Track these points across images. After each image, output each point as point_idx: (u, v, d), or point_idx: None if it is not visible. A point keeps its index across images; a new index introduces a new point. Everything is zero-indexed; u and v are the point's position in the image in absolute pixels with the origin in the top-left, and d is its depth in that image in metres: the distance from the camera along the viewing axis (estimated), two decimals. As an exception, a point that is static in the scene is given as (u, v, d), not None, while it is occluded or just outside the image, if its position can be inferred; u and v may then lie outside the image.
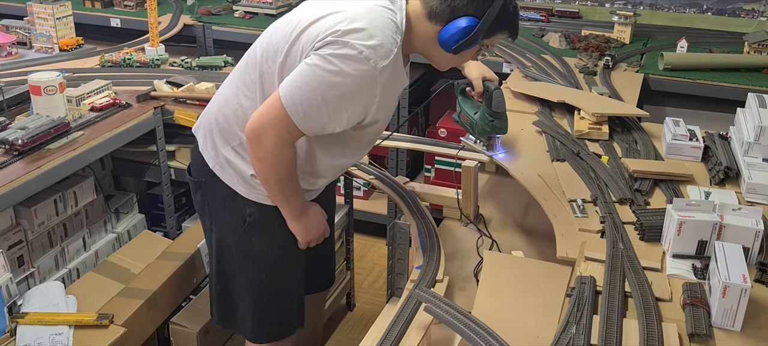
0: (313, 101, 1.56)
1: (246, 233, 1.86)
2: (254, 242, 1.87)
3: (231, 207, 1.85)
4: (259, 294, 1.96)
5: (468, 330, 1.44)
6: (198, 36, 3.89)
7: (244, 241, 1.87)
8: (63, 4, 3.53)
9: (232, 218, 1.86)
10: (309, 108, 1.57)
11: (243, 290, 1.96)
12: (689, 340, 1.44)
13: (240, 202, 1.83)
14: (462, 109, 2.24)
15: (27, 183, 2.25)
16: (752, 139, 2.10)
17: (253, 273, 1.93)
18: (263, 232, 1.86)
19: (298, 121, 1.59)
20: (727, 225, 1.66)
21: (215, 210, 1.89)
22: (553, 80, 2.99)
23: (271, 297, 1.97)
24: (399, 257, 2.05)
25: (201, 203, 1.93)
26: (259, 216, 1.84)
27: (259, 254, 1.90)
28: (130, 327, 2.30)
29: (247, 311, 1.98)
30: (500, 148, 2.24)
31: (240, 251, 1.90)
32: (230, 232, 1.88)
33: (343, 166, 1.88)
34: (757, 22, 3.86)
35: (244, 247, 1.89)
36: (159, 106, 2.86)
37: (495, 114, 2.12)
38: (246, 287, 1.95)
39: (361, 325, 3.17)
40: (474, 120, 2.17)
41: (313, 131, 1.64)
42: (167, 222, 3.17)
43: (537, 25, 3.97)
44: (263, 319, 1.99)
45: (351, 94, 1.57)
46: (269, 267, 1.93)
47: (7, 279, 2.28)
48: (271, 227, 1.86)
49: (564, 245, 1.76)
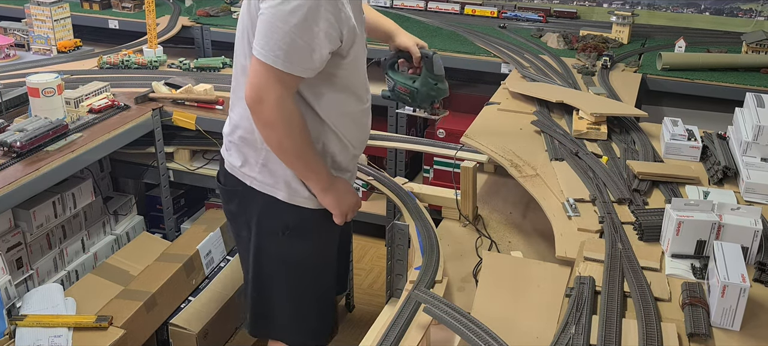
0: (286, 39, 1.57)
1: (287, 239, 1.84)
2: (296, 247, 1.86)
3: (271, 213, 1.83)
4: (301, 299, 1.94)
5: (467, 331, 1.44)
6: (196, 37, 3.89)
7: (284, 246, 1.86)
8: (61, 6, 3.52)
9: (272, 224, 1.84)
10: (287, 47, 1.57)
11: (283, 296, 1.94)
12: (688, 340, 1.44)
13: (281, 207, 1.81)
14: (396, 82, 2.19)
15: (25, 185, 2.25)
16: (751, 138, 2.10)
17: (295, 279, 1.92)
18: (304, 237, 1.85)
19: (285, 66, 1.59)
20: (725, 225, 1.66)
21: (254, 217, 1.86)
22: (552, 81, 2.99)
23: (313, 301, 1.96)
24: (398, 258, 2.05)
25: (237, 212, 1.91)
26: (300, 221, 1.83)
27: (298, 259, 1.89)
28: (129, 329, 2.30)
29: (289, 317, 1.96)
30: None
31: (280, 257, 1.88)
32: (271, 238, 1.86)
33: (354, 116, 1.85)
34: (755, 22, 3.87)
35: (284, 252, 1.87)
36: (157, 107, 2.86)
37: (437, 77, 2.11)
38: (287, 293, 1.93)
39: (360, 326, 3.17)
40: (415, 89, 2.13)
41: (304, 66, 1.62)
42: (166, 224, 3.17)
43: (535, 25, 3.97)
44: (305, 324, 1.98)
45: (312, 9, 1.57)
46: (311, 272, 1.92)
47: (6, 281, 2.28)
48: (312, 231, 1.85)
49: (563, 245, 1.76)
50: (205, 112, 2.86)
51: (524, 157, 2.23)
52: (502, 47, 3.48)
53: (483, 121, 2.55)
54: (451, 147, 2.54)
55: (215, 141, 2.89)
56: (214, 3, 4.31)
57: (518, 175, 2.12)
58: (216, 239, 2.91)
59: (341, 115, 1.80)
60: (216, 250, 2.90)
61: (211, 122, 2.83)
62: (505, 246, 2.10)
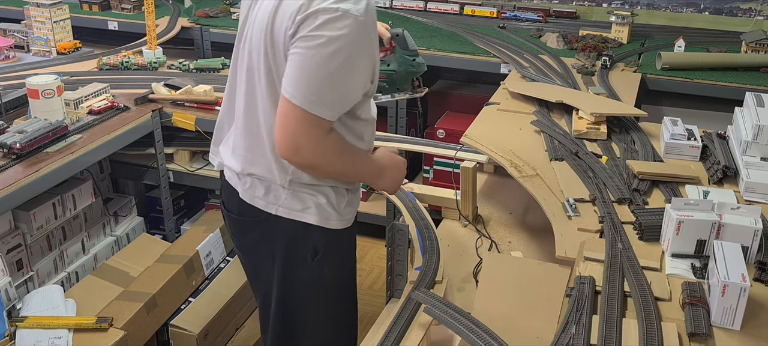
0: (323, 84, 1.48)
1: (317, 264, 1.75)
2: (325, 270, 1.77)
3: (301, 240, 1.73)
4: (332, 323, 1.88)
5: (467, 331, 1.44)
6: (196, 38, 3.89)
7: (315, 272, 1.76)
8: (60, 7, 3.53)
9: (301, 250, 1.75)
10: (323, 92, 1.49)
11: (312, 323, 1.85)
12: (689, 339, 1.44)
13: (311, 232, 1.72)
14: None
15: (25, 187, 2.25)
16: (750, 138, 2.10)
17: (326, 302, 1.84)
18: (333, 258, 1.78)
19: (320, 111, 1.50)
20: (725, 224, 1.66)
21: (280, 246, 1.75)
22: (551, 81, 2.99)
23: (343, 325, 1.91)
24: (398, 259, 2.05)
25: (258, 242, 1.79)
26: (330, 243, 1.75)
27: (329, 283, 1.80)
28: (130, 330, 2.30)
29: (317, 342, 1.88)
30: None
31: (311, 284, 1.79)
32: (300, 265, 1.76)
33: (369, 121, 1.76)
34: (755, 22, 3.87)
35: (315, 277, 1.77)
36: (157, 108, 2.87)
37: (413, 53, 2.05)
38: (316, 319, 1.85)
39: (360, 326, 3.13)
40: (393, 71, 2.06)
41: (340, 110, 1.55)
42: (166, 225, 3.17)
43: (534, 25, 3.97)
44: None
45: (353, 54, 1.49)
46: (341, 294, 1.87)
47: (6, 283, 2.28)
48: (340, 251, 1.79)
49: (563, 245, 1.76)
50: (204, 113, 2.86)
51: (524, 157, 2.23)
52: (501, 47, 3.48)
53: (483, 122, 2.55)
54: (450, 147, 2.54)
55: (215, 142, 2.90)
56: (213, 4, 4.32)
57: (518, 175, 2.12)
58: (216, 239, 2.91)
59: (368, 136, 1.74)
60: (216, 251, 2.90)
61: (210, 123, 2.82)
62: (505, 246, 2.10)
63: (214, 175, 3.03)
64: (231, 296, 2.73)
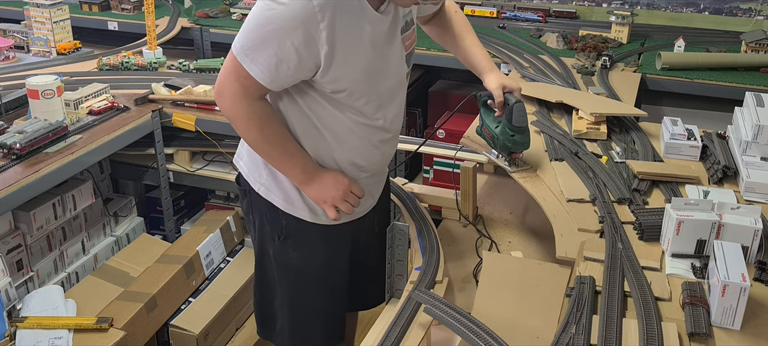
0: (255, 40, 1.52)
1: (282, 245, 1.84)
2: (291, 254, 1.85)
3: (271, 218, 1.83)
4: (296, 308, 1.94)
5: (468, 331, 1.44)
6: (196, 39, 3.89)
7: (281, 252, 1.86)
8: (60, 8, 3.53)
9: (271, 228, 1.84)
10: (253, 47, 1.52)
11: (282, 301, 1.94)
12: (689, 339, 1.44)
13: (279, 214, 1.81)
14: (484, 122, 2.14)
15: (25, 187, 2.25)
16: (750, 137, 2.10)
17: (290, 286, 1.91)
18: (301, 247, 1.84)
19: (247, 65, 1.54)
20: (725, 224, 1.66)
21: (257, 219, 1.87)
22: (551, 81, 2.99)
23: (308, 312, 1.95)
24: (398, 259, 2.05)
25: (246, 211, 1.92)
26: (298, 231, 1.82)
27: (296, 268, 1.88)
28: (130, 330, 2.30)
29: (285, 324, 1.96)
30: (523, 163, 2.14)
31: (278, 262, 1.88)
32: (270, 242, 1.87)
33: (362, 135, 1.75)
34: (754, 21, 3.87)
35: (282, 258, 1.87)
36: (157, 109, 2.87)
37: (516, 129, 2.01)
38: (284, 299, 1.93)
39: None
40: (495, 134, 2.08)
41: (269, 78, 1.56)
42: (166, 225, 3.17)
43: (534, 25, 3.97)
44: (300, 333, 1.96)
45: (289, 28, 1.48)
46: (306, 282, 1.90)
47: (6, 283, 2.28)
48: (307, 241, 1.84)
49: (563, 245, 1.76)
50: (204, 114, 2.86)
51: (524, 157, 2.23)
52: (501, 47, 3.48)
53: (483, 122, 2.55)
54: (450, 147, 2.54)
55: (215, 142, 2.90)
56: (213, 4, 4.32)
57: (518, 175, 2.12)
58: (216, 240, 2.91)
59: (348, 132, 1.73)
60: (216, 251, 2.90)
61: (210, 123, 2.83)
62: (505, 246, 2.10)
63: (214, 175, 3.04)
64: (231, 297, 2.73)
